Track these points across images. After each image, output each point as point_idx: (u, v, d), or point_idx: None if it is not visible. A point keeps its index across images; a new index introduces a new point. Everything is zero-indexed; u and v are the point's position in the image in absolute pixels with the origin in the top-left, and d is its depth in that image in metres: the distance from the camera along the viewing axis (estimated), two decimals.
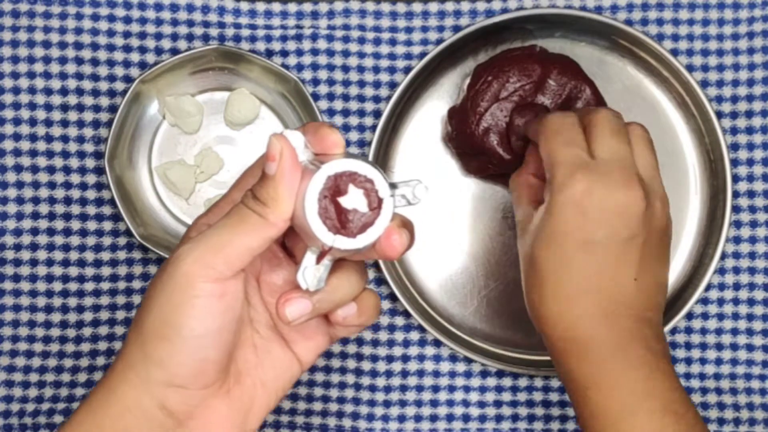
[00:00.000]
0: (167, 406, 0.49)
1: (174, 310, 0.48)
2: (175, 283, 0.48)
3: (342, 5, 0.75)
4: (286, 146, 0.47)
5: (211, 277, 0.48)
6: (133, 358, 0.49)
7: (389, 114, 0.74)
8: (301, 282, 0.48)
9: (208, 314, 0.48)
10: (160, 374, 0.49)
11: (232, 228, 0.48)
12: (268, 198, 0.48)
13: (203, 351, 0.48)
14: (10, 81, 0.75)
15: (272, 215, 0.48)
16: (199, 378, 0.49)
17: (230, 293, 0.48)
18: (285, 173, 0.47)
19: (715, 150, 0.75)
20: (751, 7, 0.76)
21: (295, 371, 0.54)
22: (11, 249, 0.75)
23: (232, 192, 0.53)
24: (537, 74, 0.73)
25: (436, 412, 0.76)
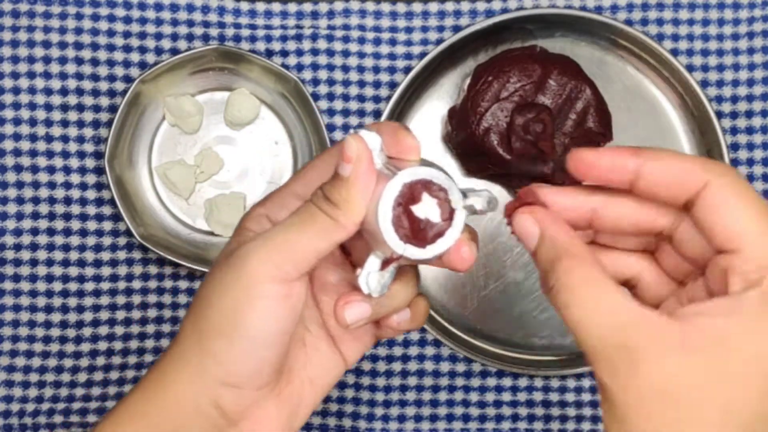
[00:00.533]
0: (221, 405, 0.48)
1: (237, 309, 0.47)
2: (239, 280, 0.47)
3: (342, 5, 0.76)
4: (363, 148, 0.46)
5: (278, 278, 0.46)
6: (189, 352, 0.48)
7: (389, 114, 0.74)
8: (363, 286, 0.47)
9: (272, 316, 0.47)
10: (216, 371, 0.48)
11: (300, 228, 0.47)
12: (340, 200, 0.46)
13: (262, 352, 0.47)
14: (10, 81, 0.75)
15: (343, 218, 0.46)
16: (254, 378, 0.48)
17: (295, 295, 0.47)
18: (360, 176, 0.46)
19: (715, 150, 0.75)
20: (751, 7, 0.76)
21: (340, 370, 0.53)
22: (11, 249, 0.75)
23: (294, 184, 0.51)
24: (537, 74, 0.73)
25: (436, 412, 0.76)
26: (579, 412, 0.76)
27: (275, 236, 0.47)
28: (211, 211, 0.75)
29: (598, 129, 0.73)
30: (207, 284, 0.49)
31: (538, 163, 0.72)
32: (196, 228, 0.76)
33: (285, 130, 0.76)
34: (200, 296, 0.49)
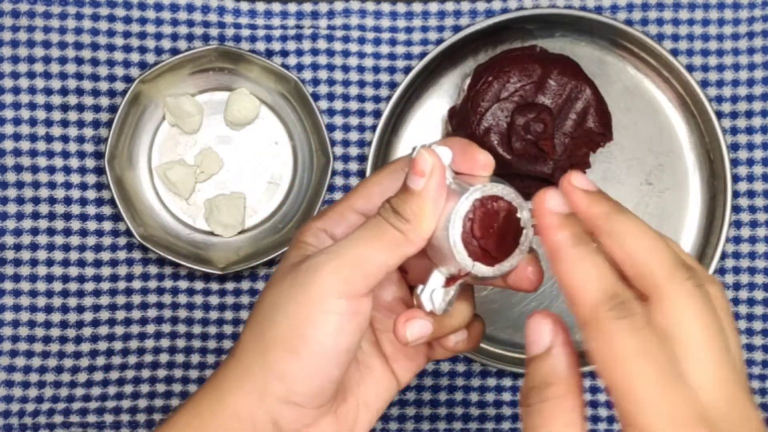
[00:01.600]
0: (280, 423, 0.47)
1: (305, 323, 0.45)
2: (307, 294, 0.45)
3: (342, 5, 0.76)
4: (437, 162, 0.45)
5: (347, 294, 0.45)
6: (250, 365, 0.47)
7: (389, 114, 0.74)
8: (427, 303, 0.47)
9: (341, 332, 0.46)
10: (279, 388, 0.46)
11: (369, 243, 0.46)
12: (411, 214, 0.45)
13: (328, 369, 0.46)
14: (10, 81, 0.75)
15: (413, 233, 0.45)
16: (317, 397, 0.47)
17: (362, 312, 0.46)
18: (433, 190, 0.45)
19: (715, 150, 0.75)
20: (751, 7, 0.76)
21: (392, 390, 0.52)
22: (11, 249, 0.75)
23: (352, 198, 0.50)
24: (537, 74, 0.73)
25: (436, 412, 0.76)
26: None
27: (343, 250, 0.46)
28: (211, 211, 0.75)
29: (598, 129, 0.73)
30: (269, 297, 0.48)
31: (539, 163, 0.72)
32: (196, 228, 0.76)
33: (285, 130, 0.76)
34: (262, 309, 0.48)
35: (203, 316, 0.75)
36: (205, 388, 0.49)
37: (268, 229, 0.76)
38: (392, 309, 0.52)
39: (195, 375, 0.75)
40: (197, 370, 0.75)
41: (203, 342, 0.75)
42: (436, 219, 0.46)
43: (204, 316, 0.75)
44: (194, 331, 0.75)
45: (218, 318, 0.75)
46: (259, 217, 0.76)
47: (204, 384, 0.49)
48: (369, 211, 0.49)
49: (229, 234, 0.75)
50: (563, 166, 0.73)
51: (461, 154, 0.47)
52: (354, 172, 0.76)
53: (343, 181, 0.76)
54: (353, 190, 0.51)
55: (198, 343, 0.75)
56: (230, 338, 0.75)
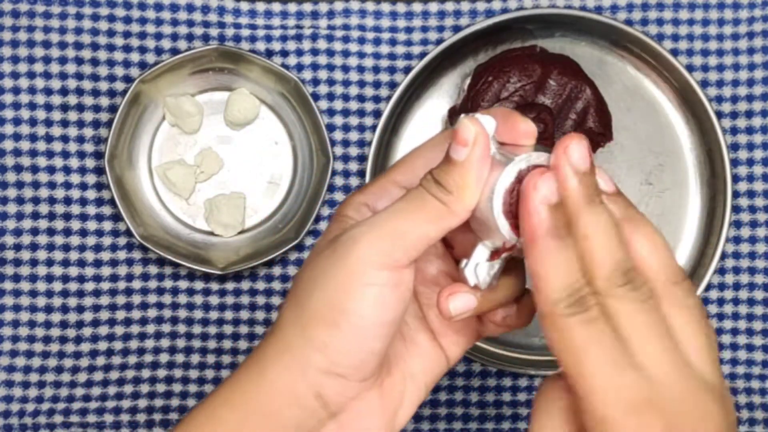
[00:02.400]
0: (323, 395, 0.46)
1: (345, 296, 0.44)
2: (346, 266, 0.44)
3: (342, 5, 0.76)
4: (481, 131, 0.44)
5: (387, 265, 0.44)
6: (290, 339, 0.46)
7: (389, 114, 0.74)
8: (471, 277, 0.46)
9: (382, 304, 0.45)
10: (320, 360, 0.45)
11: (410, 214, 0.45)
12: (453, 185, 0.44)
13: (370, 342, 0.45)
14: (10, 81, 0.75)
15: (456, 204, 0.44)
16: (360, 369, 0.46)
17: (404, 283, 0.45)
18: (476, 161, 0.44)
19: (715, 150, 0.75)
20: (751, 7, 0.76)
21: (442, 365, 0.51)
22: (11, 249, 0.75)
23: (394, 172, 0.49)
24: (537, 74, 0.73)
25: (436, 412, 0.76)
26: None
27: (383, 222, 0.45)
28: (211, 211, 0.75)
29: (598, 129, 0.73)
30: (308, 270, 0.47)
31: None
32: (196, 228, 0.76)
33: (285, 130, 0.76)
34: (301, 283, 0.47)
35: (203, 316, 0.75)
36: (245, 365, 0.48)
37: (268, 229, 0.76)
38: (439, 283, 0.51)
39: (195, 375, 0.75)
40: (197, 370, 0.75)
41: (203, 342, 0.75)
42: (480, 190, 0.44)
43: (204, 316, 0.75)
44: (194, 331, 0.75)
45: (218, 318, 0.75)
46: (259, 217, 0.76)
47: (243, 362, 0.49)
48: (412, 184, 0.48)
49: (229, 234, 0.75)
50: None
51: (503, 123, 0.45)
52: (354, 172, 0.76)
53: (343, 181, 0.76)
54: (395, 164, 0.50)
55: (198, 343, 0.75)
56: (230, 338, 0.75)
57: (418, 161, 0.49)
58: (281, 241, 0.74)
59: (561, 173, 0.42)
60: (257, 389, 0.47)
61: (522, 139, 0.46)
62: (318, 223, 0.76)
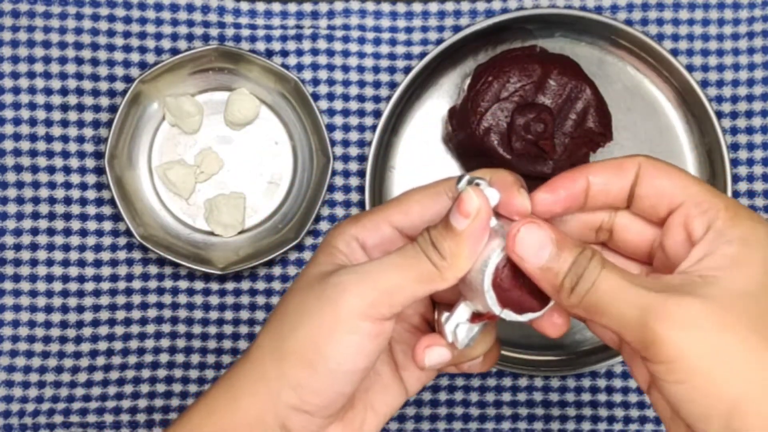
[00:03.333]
0: (288, 427, 0.48)
1: (326, 340, 0.46)
2: (332, 311, 0.46)
3: (342, 5, 0.76)
4: (485, 206, 0.44)
5: (371, 317, 0.45)
6: (266, 370, 0.47)
7: (389, 114, 0.74)
8: (450, 335, 0.47)
9: (361, 352, 0.46)
10: (292, 397, 0.47)
11: (403, 272, 0.45)
12: (448, 252, 0.45)
13: (343, 385, 0.47)
14: (10, 81, 0.75)
15: (448, 271, 0.45)
16: (328, 408, 0.48)
17: (384, 334, 0.46)
18: (474, 234, 0.45)
19: (715, 150, 0.75)
20: (751, 7, 0.76)
21: (400, 398, 0.52)
22: (11, 249, 0.75)
23: (390, 212, 0.50)
24: (537, 74, 0.73)
25: (436, 412, 0.76)
26: (579, 412, 0.76)
27: (374, 274, 0.46)
28: (211, 211, 0.75)
29: (598, 129, 0.73)
30: (292, 304, 0.48)
31: (539, 163, 0.72)
32: (196, 228, 0.76)
33: (285, 130, 0.76)
34: (284, 314, 0.48)
35: (203, 316, 0.75)
36: (218, 387, 0.49)
37: (268, 229, 0.76)
38: (411, 321, 0.52)
39: (195, 375, 0.75)
40: (197, 370, 0.75)
41: (203, 342, 0.75)
42: (474, 260, 0.45)
43: (204, 316, 0.75)
44: (194, 331, 0.75)
45: (218, 318, 0.75)
46: (259, 217, 0.76)
47: (216, 383, 0.50)
48: (404, 227, 0.49)
49: (229, 234, 0.75)
50: (563, 166, 0.73)
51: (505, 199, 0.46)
52: (354, 172, 0.76)
53: (343, 181, 0.76)
54: (392, 202, 0.50)
55: (198, 343, 0.75)
56: (230, 338, 0.75)
57: (415, 207, 0.49)
58: (281, 241, 0.74)
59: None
60: (228, 415, 0.48)
61: (520, 215, 0.46)
62: (318, 223, 0.76)
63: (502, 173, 0.47)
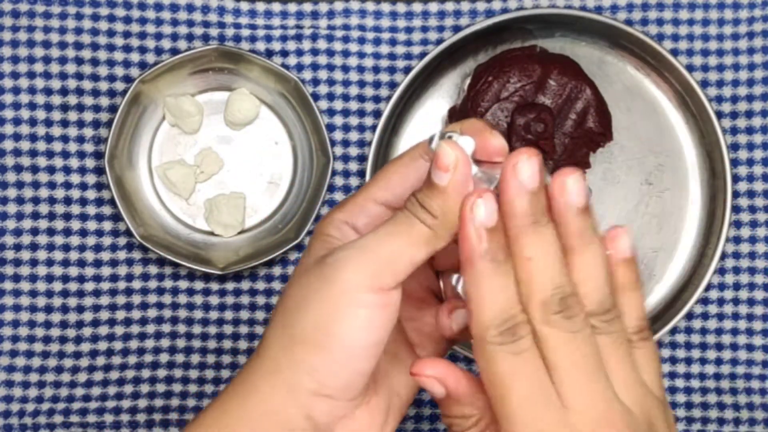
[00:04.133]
0: (313, 416, 0.46)
1: (333, 318, 0.45)
2: (334, 289, 0.45)
3: (342, 5, 0.75)
4: (461, 156, 0.44)
5: (375, 288, 0.45)
6: (278, 361, 0.46)
7: (389, 114, 0.74)
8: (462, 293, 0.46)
9: (371, 326, 0.45)
10: (309, 383, 0.46)
11: (397, 238, 0.45)
12: (438, 210, 0.45)
13: (359, 363, 0.46)
14: (10, 81, 0.75)
15: (442, 228, 0.45)
16: (349, 390, 0.47)
17: (392, 304, 0.45)
18: (459, 186, 0.44)
19: (715, 150, 0.75)
20: (751, 7, 0.76)
21: None
22: (11, 249, 0.75)
23: (373, 189, 0.49)
24: (537, 74, 0.73)
25: (436, 412, 0.76)
26: None
27: (371, 245, 0.45)
28: (211, 211, 0.75)
29: (598, 129, 0.73)
30: (294, 291, 0.47)
31: None
32: (196, 228, 0.76)
33: (285, 130, 0.76)
34: (287, 304, 0.48)
35: (203, 316, 0.75)
36: (231, 387, 0.48)
37: (268, 229, 0.76)
38: (417, 296, 0.51)
39: (195, 375, 0.75)
40: (197, 370, 0.75)
41: (203, 342, 0.75)
42: None
43: (204, 316, 0.75)
44: (194, 331, 0.75)
45: (218, 318, 0.75)
46: (259, 217, 0.76)
47: (230, 384, 0.49)
48: (389, 201, 0.49)
49: (229, 234, 0.75)
50: (563, 166, 0.73)
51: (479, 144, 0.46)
52: (354, 172, 0.76)
53: (343, 181, 0.76)
54: (372, 180, 0.50)
55: (198, 343, 0.75)
56: (230, 338, 0.75)
57: (394, 177, 0.49)
58: (281, 241, 0.74)
59: (507, 193, 0.43)
60: (245, 411, 0.47)
61: (495, 157, 0.46)
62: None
63: (470, 121, 0.47)
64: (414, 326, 0.52)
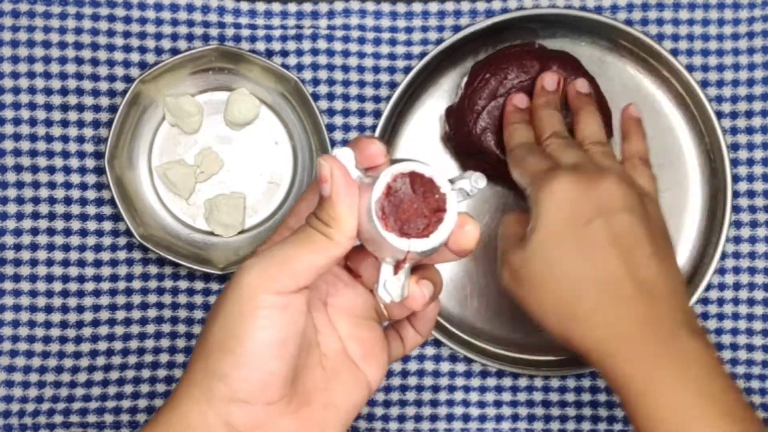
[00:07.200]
0: (232, 423, 0.48)
1: (237, 322, 0.47)
2: (238, 294, 0.48)
3: (342, 5, 0.76)
4: (335, 165, 0.47)
5: (274, 290, 0.47)
6: (196, 374, 0.49)
7: (389, 114, 0.74)
8: (384, 296, 0.48)
9: (272, 325, 0.47)
10: (223, 389, 0.48)
11: (297, 245, 0.48)
12: (329, 218, 0.47)
13: (267, 363, 0.48)
14: (10, 81, 0.75)
15: (337, 234, 0.47)
16: (263, 392, 0.48)
17: (293, 306, 0.48)
18: (341, 192, 0.47)
19: (715, 150, 0.75)
20: (751, 7, 0.76)
21: (363, 392, 0.53)
22: (11, 249, 0.75)
23: (288, 220, 0.53)
24: (535, 70, 0.72)
25: (436, 412, 0.76)
26: (579, 412, 0.76)
27: (274, 252, 0.48)
28: (211, 211, 0.75)
29: None
30: (213, 305, 0.50)
31: None
32: (196, 228, 0.76)
33: (285, 130, 0.76)
34: (206, 319, 0.50)
35: (203, 317, 0.75)
36: (165, 402, 0.50)
37: (268, 229, 0.76)
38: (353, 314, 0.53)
39: None
40: None
41: None
42: (355, 216, 0.47)
43: (204, 317, 0.75)
44: (194, 331, 0.75)
45: None
46: (259, 217, 0.76)
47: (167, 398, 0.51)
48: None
49: (229, 234, 0.75)
50: None
51: (357, 151, 0.48)
52: None
53: None
54: (288, 213, 0.54)
55: None
56: None
57: (302, 205, 0.53)
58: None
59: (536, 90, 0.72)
60: (170, 426, 0.49)
61: (375, 160, 0.48)
62: None
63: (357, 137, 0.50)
64: (356, 341, 0.53)
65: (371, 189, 0.47)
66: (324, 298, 0.53)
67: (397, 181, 0.47)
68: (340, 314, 0.53)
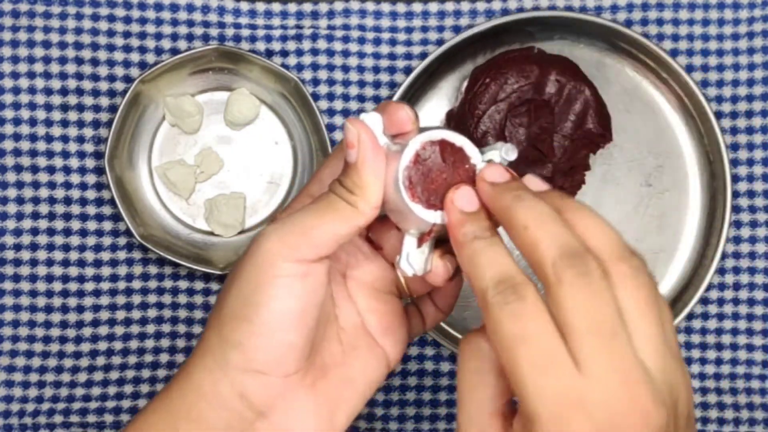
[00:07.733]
0: (246, 395, 0.46)
1: (254, 290, 0.46)
2: (256, 262, 0.46)
3: (342, 5, 0.75)
4: (363, 129, 0.46)
5: (293, 258, 0.45)
6: (210, 341, 0.47)
7: None
8: (406, 269, 0.47)
9: (290, 294, 0.46)
10: (238, 358, 0.46)
11: (319, 213, 0.46)
12: (354, 186, 0.46)
13: (283, 333, 0.46)
14: (10, 81, 0.75)
15: (361, 202, 0.46)
16: (279, 364, 0.46)
17: (313, 275, 0.46)
18: (367, 158, 0.45)
19: (715, 150, 0.75)
20: (751, 7, 0.76)
21: (382, 368, 0.51)
22: (11, 249, 0.75)
23: (310, 186, 0.51)
24: (535, 75, 0.73)
25: (436, 412, 0.76)
26: None
27: (294, 220, 0.46)
28: (211, 211, 0.75)
29: (597, 130, 0.73)
30: (229, 274, 0.48)
31: (538, 165, 0.72)
32: (196, 228, 0.76)
33: (285, 130, 0.76)
34: (223, 286, 0.48)
35: (203, 317, 0.75)
36: (177, 371, 0.49)
37: None
38: (373, 288, 0.51)
39: None
40: None
41: None
42: (381, 185, 0.46)
43: (204, 317, 0.75)
44: (194, 332, 0.75)
45: None
46: (259, 217, 0.76)
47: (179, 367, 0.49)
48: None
49: (229, 234, 0.75)
50: (563, 168, 0.73)
51: (386, 116, 0.47)
52: None
53: None
54: (311, 178, 0.52)
55: None
56: None
57: (325, 172, 0.50)
58: None
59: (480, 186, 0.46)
60: (183, 394, 0.47)
61: (404, 127, 0.46)
62: None
63: (382, 103, 0.48)
64: (375, 316, 0.51)
65: (398, 157, 0.45)
66: (343, 269, 0.51)
67: (426, 150, 0.45)
68: (359, 287, 0.51)
